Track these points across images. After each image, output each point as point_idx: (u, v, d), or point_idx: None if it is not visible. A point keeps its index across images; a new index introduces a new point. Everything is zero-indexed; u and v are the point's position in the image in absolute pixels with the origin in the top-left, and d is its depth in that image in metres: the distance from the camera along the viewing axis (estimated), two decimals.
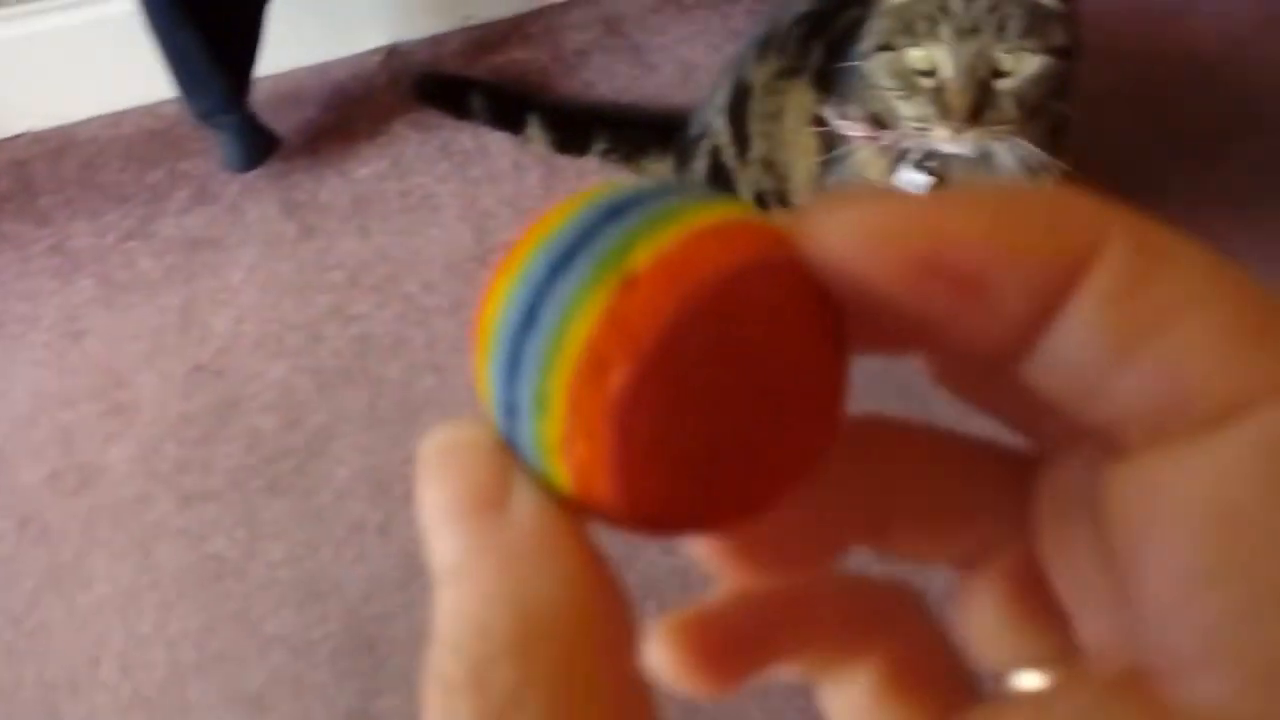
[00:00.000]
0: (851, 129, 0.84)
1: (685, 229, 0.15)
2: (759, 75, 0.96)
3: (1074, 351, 0.15)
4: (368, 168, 1.22)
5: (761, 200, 1.00)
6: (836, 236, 0.15)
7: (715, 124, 1.02)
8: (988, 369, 0.16)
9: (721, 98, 1.01)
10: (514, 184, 1.22)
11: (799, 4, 0.97)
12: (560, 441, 0.15)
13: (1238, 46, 1.28)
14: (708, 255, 0.15)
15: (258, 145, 1.14)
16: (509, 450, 0.17)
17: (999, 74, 0.74)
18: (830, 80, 0.87)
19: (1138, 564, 0.14)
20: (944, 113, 0.74)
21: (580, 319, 0.15)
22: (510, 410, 0.16)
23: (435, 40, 1.29)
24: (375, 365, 1.12)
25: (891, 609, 0.20)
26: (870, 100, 0.81)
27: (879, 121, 0.82)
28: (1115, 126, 1.25)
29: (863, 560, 0.20)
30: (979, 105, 0.74)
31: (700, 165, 1.05)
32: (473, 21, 1.30)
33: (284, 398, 1.11)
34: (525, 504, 0.16)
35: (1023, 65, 0.74)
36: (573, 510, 0.16)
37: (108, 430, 1.08)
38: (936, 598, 0.20)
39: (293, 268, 1.17)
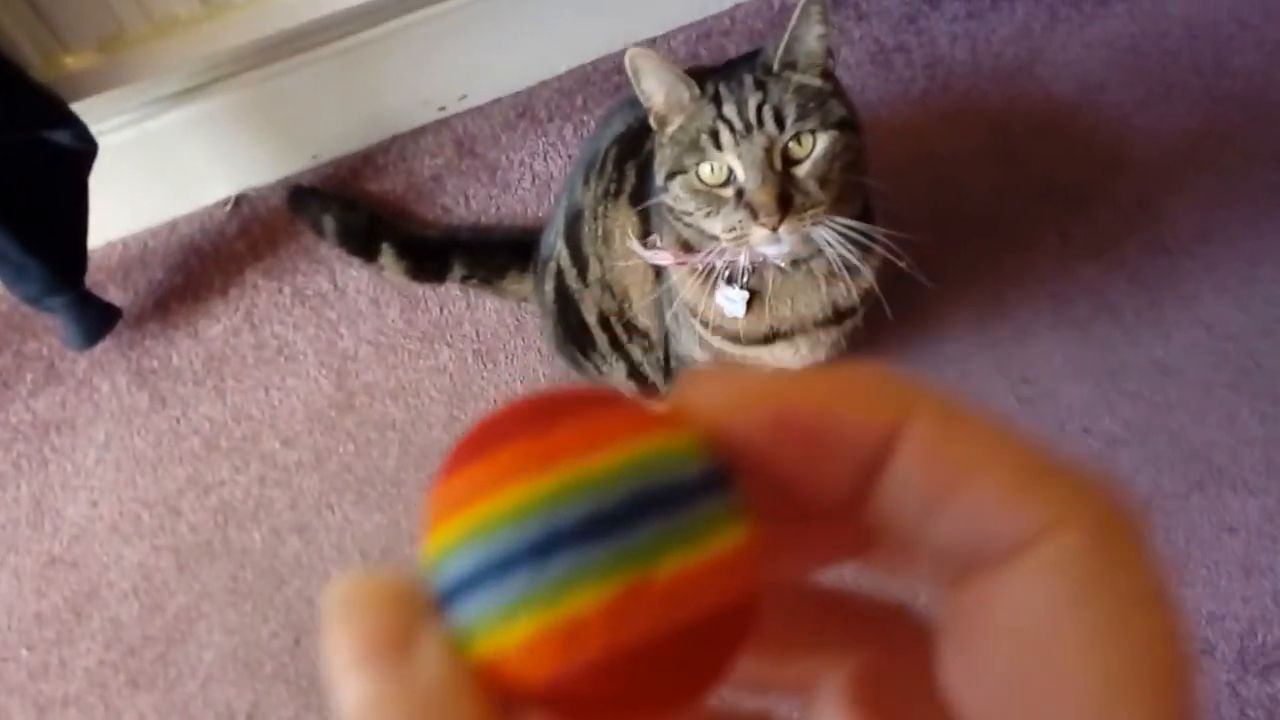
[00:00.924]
0: (662, 257, 0.81)
1: (705, 553, 0.17)
2: (587, 198, 0.94)
3: (896, 503, 0.18)
4: (220, 324, 1.18)
5: (605, 322, 0.97)
6: (711, 401, 0.18)
7: (557, 246, 0.99)
8: (837, 521, 0.19)
9: (560, 220, 0.99)
10: (374, 321, 1.18)
11: (616, 124, 0.95)
12: (510, 646, 0.16)
13: (1091, 91, 1.28)
14: (714, 585, 0.17)
15: (95, 321, 1.10)
16: (416, 598, 0.17)
17: (793, 161, 0.72)
18: (646, 206, 0.84)
19: (963, 679, 0.17)
20: (754, 214, 0.71)
21: (586, 592, 0.16)
22: (468, 588, 0.16)
23: (285, 183, 1.26)
24: (236, 535, 1.07)
25: (867, 618, 0.22)
26: (678, 229, 0.79)
27: (688, 247, 0.79)
28: (980, 185, 1.23)
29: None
30: (785, 195, 0.71)
31: (548, 288, 1.02)
32: (321, 160, 1.28)
33: (144, 581, 1.05)
34: (431, 651, 0.17)
35: (812, 146, 0.72)
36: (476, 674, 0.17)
37: None
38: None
39: (147, 441, 1.12)
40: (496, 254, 1.16)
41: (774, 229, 0.72)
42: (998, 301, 1.16)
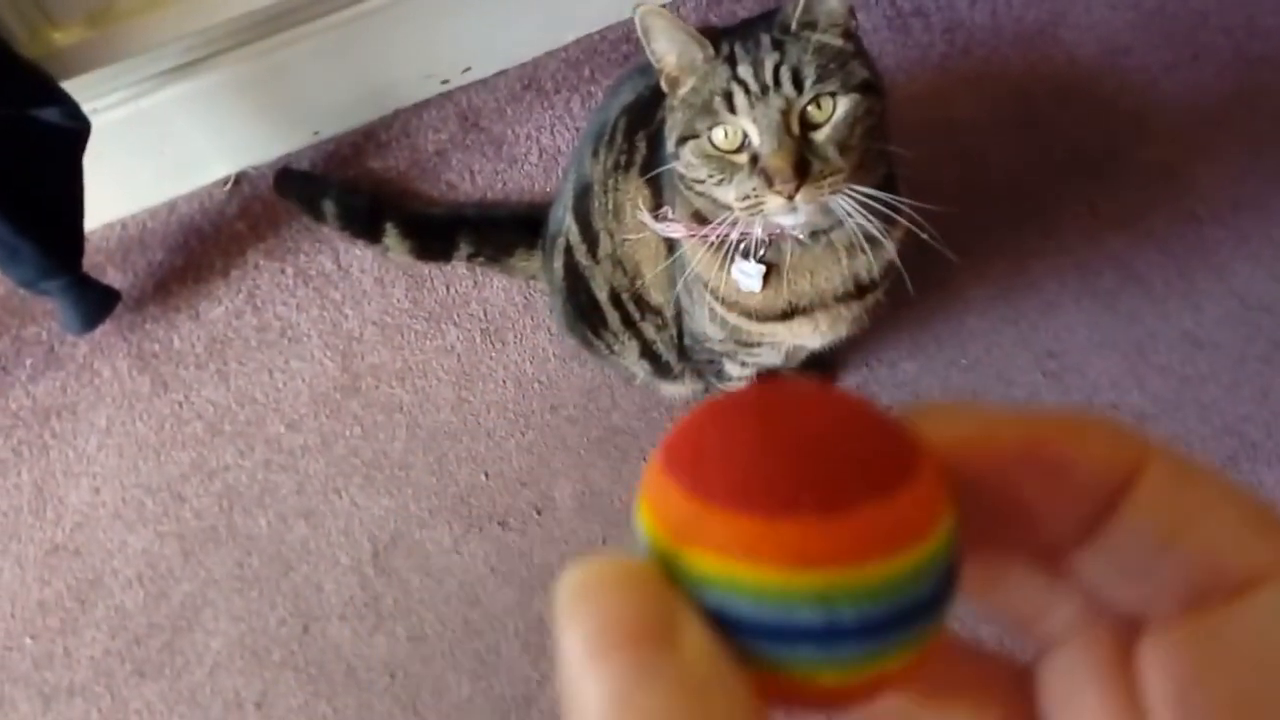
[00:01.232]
0: (674, 230, 0.77)
1: (921, 650, 0.18)
2: (596, 171, 0.90)
3: (1127, 540, 0.19)
4: (222, 306, 1.16)
5: (617, 299, 0.94)
6: (954, 431, 0.19)
7: (565, 222, 0.96)
8: (1046, 561, 0.20)
9: (568, 194, 0.95)
10: (379, 301, 1.15)
11: (625, 93, 0.91)
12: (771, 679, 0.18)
13: (1116, 55, 1.23)
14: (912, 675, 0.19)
15: (93, 304, 1.07)
16: (668, 586, 0.17)
17: (811, 126, 0.68)
18: (656, 176, 0.81)
19: (1187, 703, 0.18)
20: (769, 181, 0.68)
21: (844, 674, 0.17)
22: (739, 629, 0.17)
23: (285, 161, 1.23)
24: (242, 520, 1.04)
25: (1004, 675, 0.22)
26: (690, 198, 0.75)
27: (701, 218, 0.75)
28: (1003, 153, 1.19)
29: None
30: (802, 162, 0.67)
31: (557, 265, 0.99)
32: (322, 136, 1.24)
33: (148, 569, 1.03)
34: (700, 639, 0.17)
35: (832, 110, 0.68)
36: None
37: None
38: None
39: (150, 426, 1.10)
40: (503, 231, 1.13)
41: (790, 197, 0.68)
42: (1022, 274, 1.12)
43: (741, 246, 0.74)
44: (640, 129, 0.85)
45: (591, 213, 0.91)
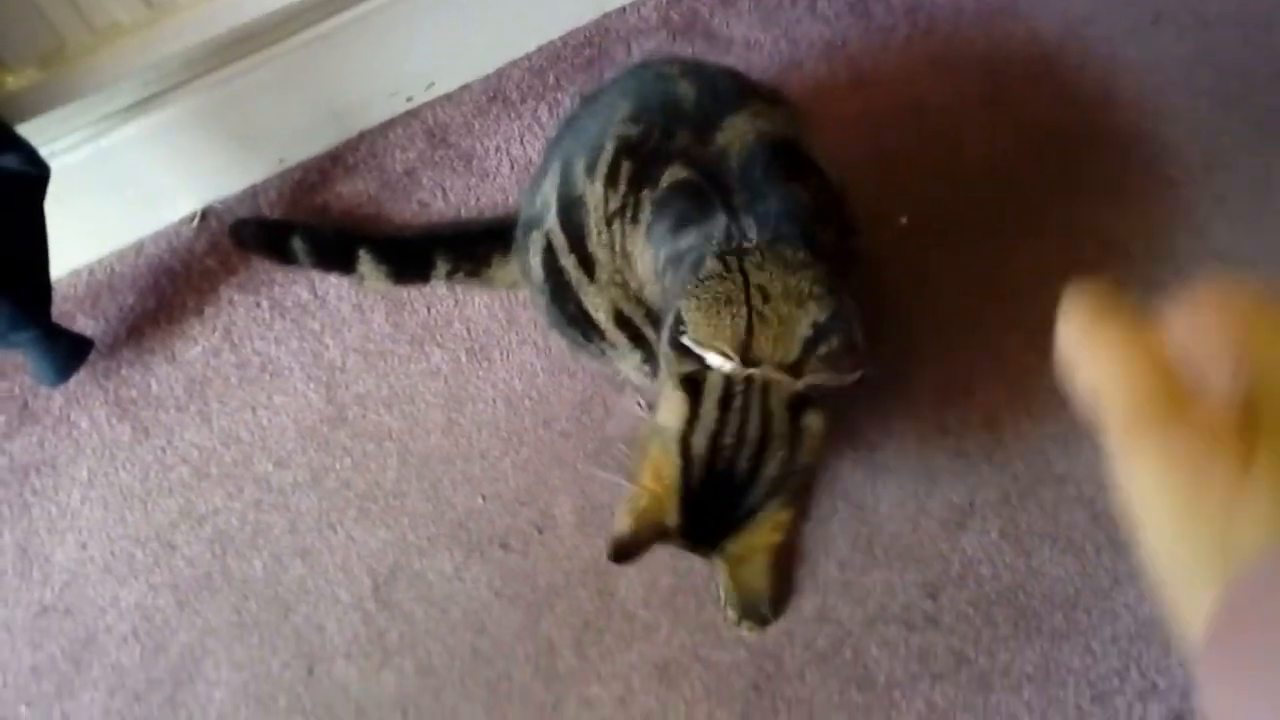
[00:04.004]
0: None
1: None
2: (589, 193, 0.89)
3: None
4: (198, 346, 1.13)
5: (622, 319, 0.92)
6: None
7: (548, 220, 0.94)
8: None
9: (549, 190, 0.94)
10: (359, 328, 1.13)
11: (618, 111, 0.89)
12: None
13: (1077, 25, 1.23)
14: None
15: (65, 354, 1.04)
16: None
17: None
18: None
19: None
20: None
21: None
22: None
23: (252, 192, 1.21)
24: (236, 564, 1.02)
25: None
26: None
27: None
28: (974, 132, 1.18)
29: None
30: None
31: (535, 262, 0.96)
32: (287, 164, 1.22)
33: (143, 622, 1.00)
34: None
35: None
36: None
37: None
38: None
39: (133, 474, 1.07)
40: (478, 243, 1.11)
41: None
42: (1004, 251, 1.12)
43: None
44: (645, 185, 0.85)
45: (586, 235, 0.90)
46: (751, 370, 0.74)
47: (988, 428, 1.04)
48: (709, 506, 0.74)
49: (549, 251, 0.94)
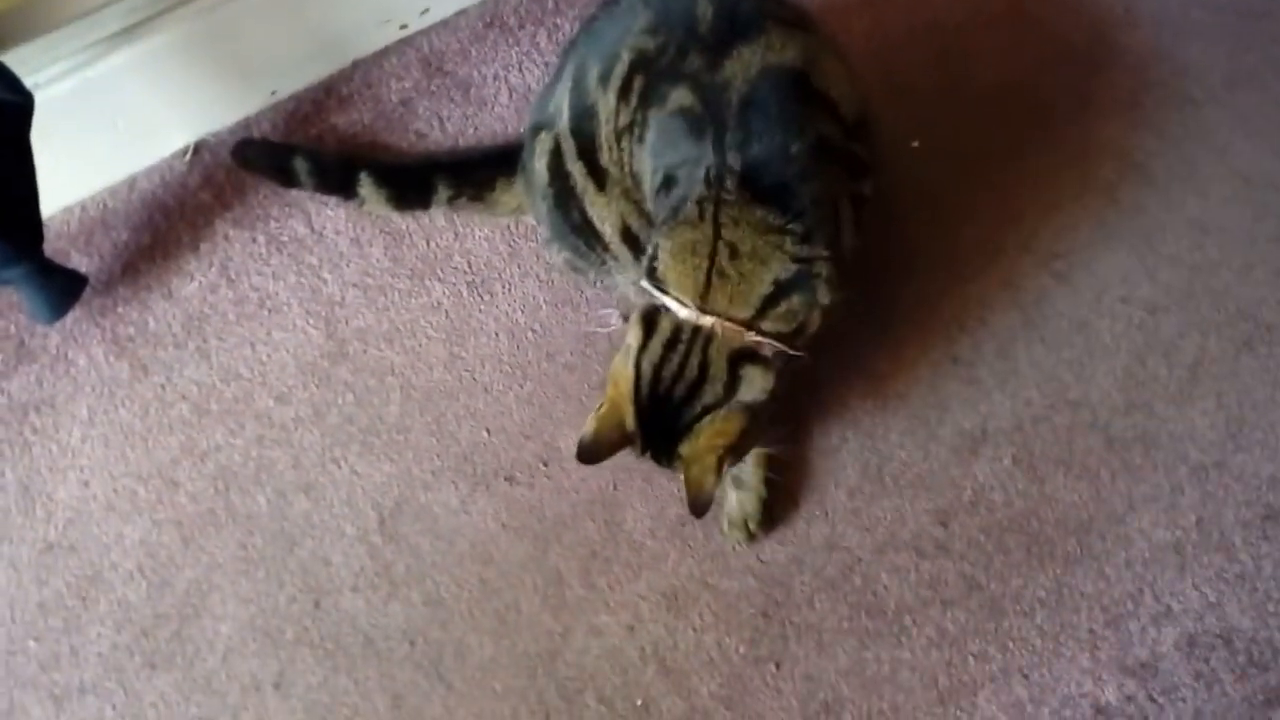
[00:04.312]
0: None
1: None
2: (602, 104, 0.88)
3: None
4: (194, 282, 1.11)
5: (629, 236, 0.91)
6: None
7: (558, 124, 0.93)
8: None
9: (564, 101, 0.92)
10: (358, 262, 1.10)
11: (632, 24, 0.87)
12: None
13: None
14: None
15: (60, 291, 1.02)
16: None
17: None
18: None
19: None
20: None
21: None
22: None
23: (245, 125, 1.17)
24: (240, 500, 1.01)
25: None
26: None
27: None
28: (991, 52, 1.14)
29: None
30: None
31: (539, 166, 0.95)
32: (280, 96, 1.18)
33: (148, 559, 0.99)
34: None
35: None
36: None
37: None
38: None
39: (133, 412, 1.05)
40: (480, 167, 1.08)
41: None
42: (1019, 174, 1.08)
43: None
44: (654, 104, 0.84)
45: (597, 146, 0.90)
46: (704, 321, 0.78)
47: (1001, 355, 1.01)
48: (655, 417, 0.81)
49: (555, 155, 0.93)
